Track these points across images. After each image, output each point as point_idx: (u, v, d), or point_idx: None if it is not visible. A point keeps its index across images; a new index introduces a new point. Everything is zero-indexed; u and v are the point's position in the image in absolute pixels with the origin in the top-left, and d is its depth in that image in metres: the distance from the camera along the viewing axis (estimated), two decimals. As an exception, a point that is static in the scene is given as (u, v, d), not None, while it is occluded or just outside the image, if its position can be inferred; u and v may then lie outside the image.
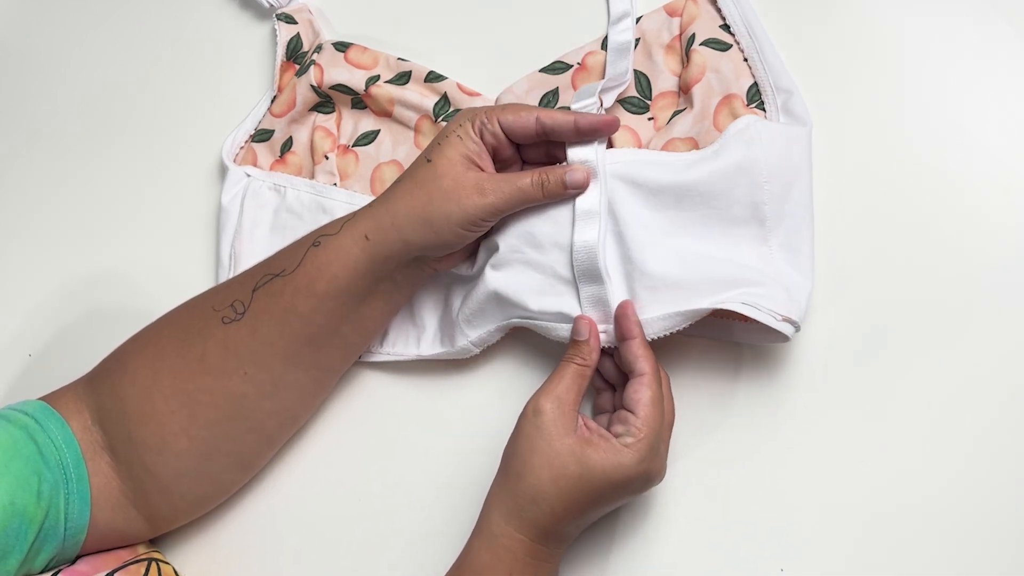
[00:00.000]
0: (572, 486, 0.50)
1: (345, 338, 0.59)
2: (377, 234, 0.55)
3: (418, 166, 0.56)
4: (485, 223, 0.55)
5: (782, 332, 0.52)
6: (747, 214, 0.54)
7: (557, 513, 0.51)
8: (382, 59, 0.67)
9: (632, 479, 0.51)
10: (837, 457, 0.55)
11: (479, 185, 0.54)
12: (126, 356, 0.60)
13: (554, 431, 0.51)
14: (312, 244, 0.57)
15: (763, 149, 0.54)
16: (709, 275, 0.54)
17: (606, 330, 0.56)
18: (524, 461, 0.51)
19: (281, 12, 0.69)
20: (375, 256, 0.55)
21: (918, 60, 0.59)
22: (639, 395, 0.52)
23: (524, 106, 0.56)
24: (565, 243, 0.56)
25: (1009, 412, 0.54)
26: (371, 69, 0.66)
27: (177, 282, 0.68)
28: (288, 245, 0.59)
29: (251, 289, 0.57)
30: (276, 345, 0.57)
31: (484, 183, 0.54)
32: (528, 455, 0.51)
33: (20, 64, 0.77)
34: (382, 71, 0.66)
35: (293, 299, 0.56)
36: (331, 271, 0.56)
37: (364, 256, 0.55)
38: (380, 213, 0.56)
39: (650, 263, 0.55)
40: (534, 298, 0.57)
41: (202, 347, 0.57)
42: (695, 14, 0.61)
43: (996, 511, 0.53)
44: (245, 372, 0.57)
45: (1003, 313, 0.55)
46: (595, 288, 0.55)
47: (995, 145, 0.57)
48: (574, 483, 0.50)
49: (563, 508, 0.51)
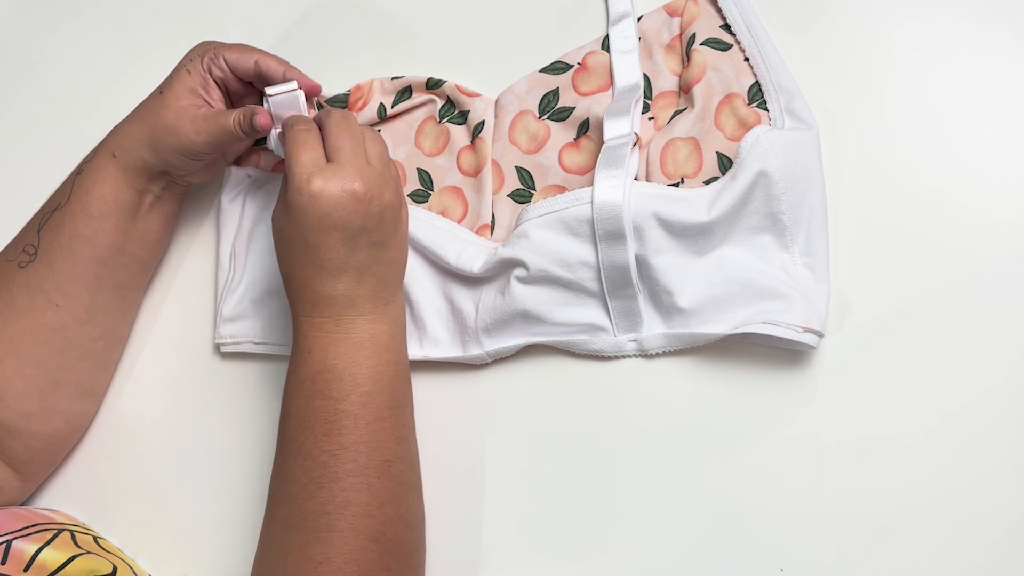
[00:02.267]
0: (282, 243, 0.55)
1: (134, 255, 0.64)
2: (120, 152, 0.61)
3: (152, 95, 0.62)
4: (206, 154, 0.61)
5: (806, 343, 0.54)
6: (766, 224, 0.56)
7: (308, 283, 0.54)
8: (376, 85, 0.66)
9: (302, 209, 0.52)
10: (838, 457, 0.55)
11: (195, 122, 0.59)
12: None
13: (279, 216, 0.56)
14: (76, 173, 0.63)
15: (776, 161, 0.54)
16: (734, 290, 0.56)
17: (636, 338, 0.58)
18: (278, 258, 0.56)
19: None
20: (126, 172, 0.61)
21: (918, 60, 0.59)
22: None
23: (248, 47, 0.61)
24: (592, 260, 0.57)
25: (1012, 413, 0.54)
26: (369, 100, 0.66)
27: (177, 282, 0.69)
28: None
29: (36, 230, 0.62)
30: (74, 273, 0.61)
31: (199, 121, 0.59)
32: (281, 256, 0.56)
33: (20, 64, 0.77)
34: (382, 98, 0.66)
35: (74, 226, 0.61)
36: (97, 191, 0.61)
37: (117, 171, 0.61)
38: (122, 132, 0.62)
39: (676, 284, 0.56)
40: (560, 309, 0.58)
41: (8, 295, 0.61)
42: (695, 14, 0.61)
43: (998, 512, 0.53)
44: (57, 305, 0.61)
45: (1004, 313, 0.55)
46: (626, 302, 0.57)
47: (996, 145, 0.57)
48: (283, 241, 0.55)
49: (300, 280, 0.55)
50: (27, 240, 0.62)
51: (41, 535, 0.57)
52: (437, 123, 0.65)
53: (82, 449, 0.67)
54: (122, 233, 0.62)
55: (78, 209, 0.61)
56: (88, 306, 0.62)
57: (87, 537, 0.60)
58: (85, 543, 0.59)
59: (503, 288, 0.59)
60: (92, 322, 0.63)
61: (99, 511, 0.65)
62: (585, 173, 0.61)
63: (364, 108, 0.66)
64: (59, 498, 0.66)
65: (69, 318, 0.61)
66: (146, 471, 0.66)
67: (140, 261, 0.65)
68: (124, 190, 0.61)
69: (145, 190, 0.62)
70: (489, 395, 0.61)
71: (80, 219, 0.61)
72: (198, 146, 0.60)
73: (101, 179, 0.61)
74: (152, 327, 0.69)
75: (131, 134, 0.61)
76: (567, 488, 0.59)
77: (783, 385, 0.57)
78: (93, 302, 0.62)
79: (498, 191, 0.63)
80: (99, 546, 0.60)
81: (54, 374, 0.62)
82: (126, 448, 0.67)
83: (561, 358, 0.60)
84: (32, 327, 0.61)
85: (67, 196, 0.62)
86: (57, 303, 0.61)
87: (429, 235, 0.61)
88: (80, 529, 0.61)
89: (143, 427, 0.67)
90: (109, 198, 0.61)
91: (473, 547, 0.59)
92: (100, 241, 0.61)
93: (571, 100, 0.63)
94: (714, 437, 0.57)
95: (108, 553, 0.59)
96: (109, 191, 0.61)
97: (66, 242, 0.61)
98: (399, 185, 0.57)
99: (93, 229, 0.61)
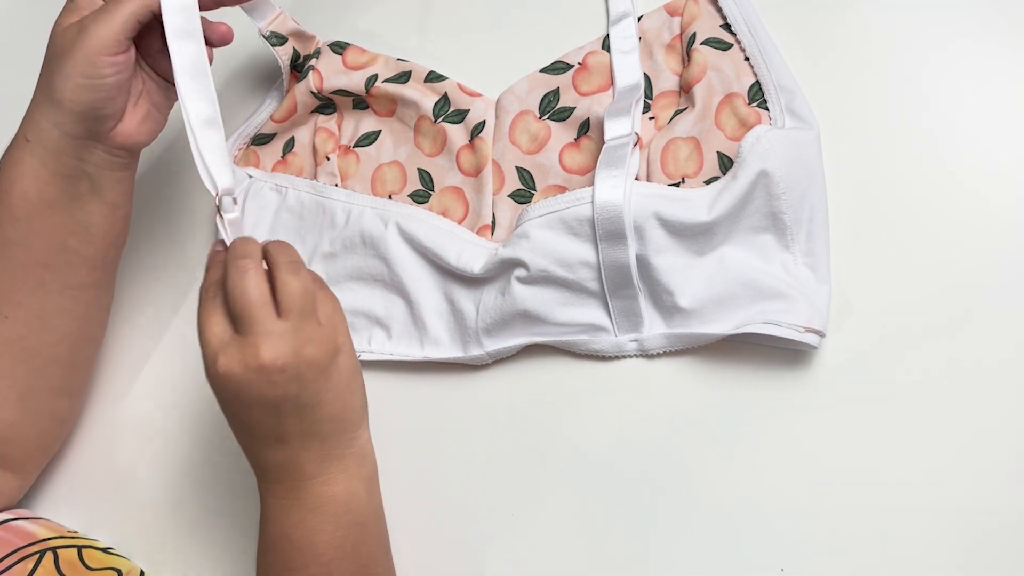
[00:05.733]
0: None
1: (78, 251, 0.58)
2: (33, 132, 0.54)
3: None
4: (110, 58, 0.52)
5: (808, 343, 0.54)
6: (767, 224, 0.56)
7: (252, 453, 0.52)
8: (380, 59, 0.67)
9: (212, 378, 0.50)
10: (838, 457, 0.55)
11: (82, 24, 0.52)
12: None
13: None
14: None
15: (777, 161, 0.54)
16: (735, 290, 0.56)
17: (636, 339, 0.57)
18: None
19: (268, 34, 0.66)
20: (44, 156, 0.54)
21: (919, 59, 0.59)
22: None
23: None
24: (592, 260, 0.56)
25: (1014, 413, 0.54)
26: (368, 67, 0.66)
27: (177, 282, 0.69)
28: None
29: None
30: (16, 281, 0.57)
31: (88, 22, 0.51)
32: None
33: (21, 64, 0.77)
34: (380, 70, 0.66)
35: (2, 231, 0.56)
36: (18, 189, 0.55)
37: (35, 160, 0.55)
38: (31, 112, 0.55)
39: (676, 284, 0.56)
40: (561, 309, 0.58)
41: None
42: (696, 13, 0.61)
43: (999, 512, 0.53)
44: (5, 316, 0.57)
45: (1006, 313, 0.55)
46: (627, 302, 0.57)
47: (998, 143, 0.57)
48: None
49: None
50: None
51: (23, 566, 0.55)
52: (432, 123, 0.65)
53: (81, 450, 0.67)
54: (58, 231, 0.56)
55: (3, 213, 0.56)
56: (39, 313, 0.58)
57: (70, 553, 0.59)
58: (68, 564, 0.57)
59: (504, 288, 0.59)
60: (48, 328, 0.59)
61: (97, 513, 0.65)
62: (586, 173, 0.61)
63: (357, 71, 0.65)
64: (56, 501, 0.67)
65: (23, 327, 0.58)
66: (145, 472, 0.66)
67: (86, 259, 0.59)
68: (47, 181, 0.55)
69: (73, 175, 0.55)
70: (489, 395, 0.61)
71: (7, 223, 0.56)
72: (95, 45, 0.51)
73: (20, 175, 0.55)
74: (152, 327, 0.69)
75: (34, 102, 0.54)
76: (567, 488, 0.59)
77: (784, 385, 0.57)
78: (44, 308, 0.58)
79: (499, 191, 0.63)
80: (83, 564, 0.59)
81: (24, 382, 0.59)
82: (125, 448, 0.67)
83: (561, 358, 0.60)
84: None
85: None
86: (6, 315, 0.57)
87: (430, 236, 0.61)
88: (64, 543, 0.59)
89: (142, 427, 0.67)
90: (32, 194, 0.55)
91: (473, 547, 0.59)
92: (34, 244, 0.56)
93: (572, 100, 0.63)
94: (715, 437, 0.57)
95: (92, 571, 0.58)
96: (30, 186, 0.55)
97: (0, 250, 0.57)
98: (329, 332, 0.51)
99: (23, 232, 0.56)
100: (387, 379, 0.63)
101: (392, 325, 0.63)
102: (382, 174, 0.66)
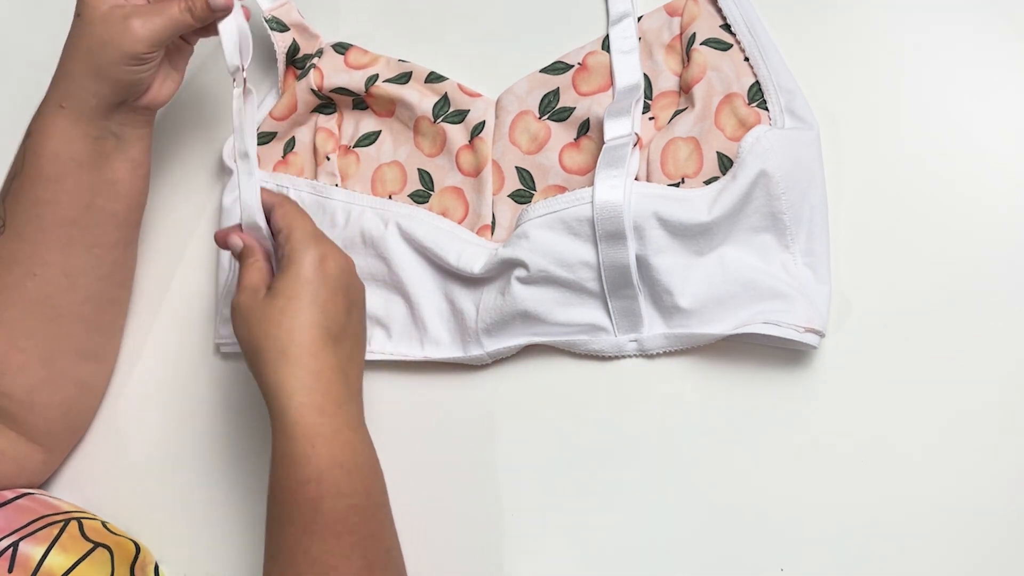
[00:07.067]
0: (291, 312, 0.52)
1: (104, 209, 0.61)
2: (68, 99, 0.57)
3: (73, 25, 0.57)
4: (152, 54, 0.57)
5: (807, 343, 0.54)
6: (767, 224, 0.56)
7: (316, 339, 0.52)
8: (382, 60, 0.67)
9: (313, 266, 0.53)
10: (838, 457, 0.55)
11: (129, 23, 0.56)
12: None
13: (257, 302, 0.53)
14: (26, 136, 0.60)
15: (776, 161, 0.54)
16: (734, 290, 0.56)
17: (636, 339, 0.58)
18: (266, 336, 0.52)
19: (271, 18, 0.67)
20: (76, 119, 0.58)
21: (919, 59, 0.59)
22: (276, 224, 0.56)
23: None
24: (592, 261, 0.56)
25: (1014, 413, 0.54)
26: (369, 67, 0.66)
27: (177, 282, 0.69)
28: None
29: (1, 202, 0.60)
30: (46, 240, 0.59)
31: (133, 20, 0.56)
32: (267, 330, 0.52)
33: (21, 64, 0.77)
34: (381, 70, 0.66)
35: (34, 191, 0.59)
36: (48, 150, 0.58)
37: (67, 123, 0.58)
38: (61, 78, 0.58)
39: (676, 284, 0.56)
40: (560, 309, 0.58)
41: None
42: (695, 13, 0.61)
43: (999, 512, 0.53)
44: (34, 274, 0.59)
45: (1006, 313, 0.55)
46: (626, 302, 0.57)
47: (998, 142, 0.57)
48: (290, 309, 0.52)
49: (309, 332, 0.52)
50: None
51: (48, 531, 0.56)
52: (432, 123, 0.65)
53: (80, 450, 0.67)
54: (87, 189, 0.60)
55: (33, 173, 0.59)
56: (65, 270, 0.60)
57: (95, 523, 0.60)
58: (93, 531, 0.59)
59: (503, 288, 0.59)
60: (74, 287, 0.61)
61: (96, 511, 0.65)
62: (586, 173, 0.61)
63: (359, 71, 0.66)
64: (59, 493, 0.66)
65: (50, 286, 0.60)
66: (145, 471, 0.66)
67: (113, 215, 0.62)
68: (77, 141, 0.58)
69: (102, 135, 0.59)
70: (489, 395, 0.61)
71: (39, 185, 0.59)
72: (142, 45, 0.56)
73: (51, 138, 0.58)
74: (152, 327, 0.69)
75: (72, 74, 0.57)
76: (567, 488, 0.59)
77: (783, 385, 0.57)
78: (71, 266, 0.60)
79: (499, 191, 0.63)
80: (107, 530, 0.60)
81: (51, 343, 0.61)
82: (125, 448, 0.67)
83: (561, 358, 0.60)
84: (15, 300, 0.60)
85: (21, 162, 0.60)
86: (35, 272, 0.59)
87: (430, 236, 0.61)
88: (87, 515, 0.61)
89: (142, 427, 0.67)
90: (63, 155, 0.58)
91: (474, 547, 0.59)
92: (63, 201, 0.59)
93: (571, 100, 0.63)
94: (714, 437, 0.57)
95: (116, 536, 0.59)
96: (62, 147, 0.58)
97: (29, 209, 0.59)
98: None
99: (53, 191, 0.59)
100: (387, 379, 0.63)
101: (392, 325, 0.63)
102: (382, 174, 0.66)
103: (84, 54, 0.57)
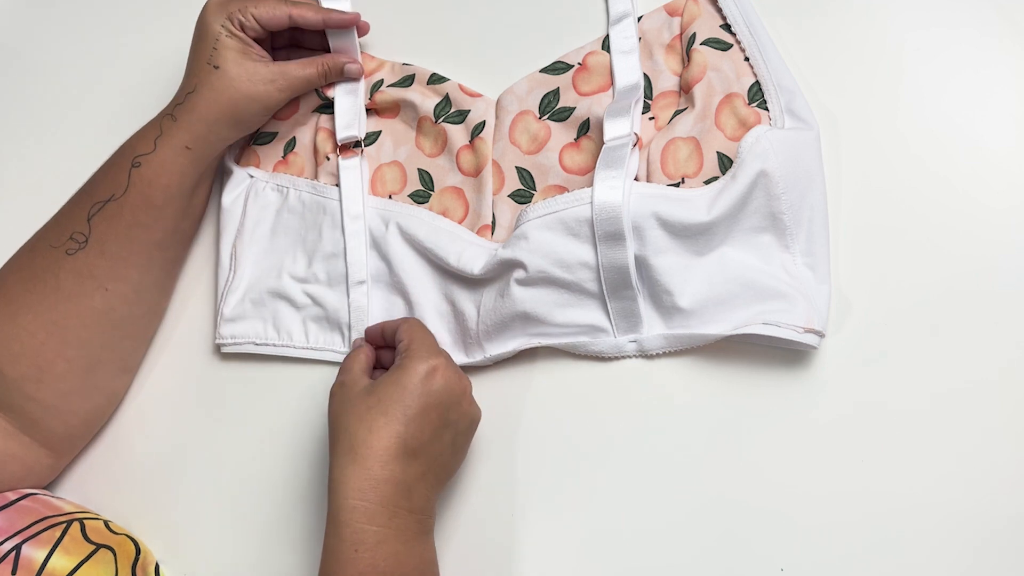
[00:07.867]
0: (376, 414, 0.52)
1: (185, 232, 0.66)
2: (197, 143, 0.61)
3: (209, 74, 0.61)
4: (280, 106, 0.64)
5: (807, 343, 0.54)
6: (767, 224, 0.56)
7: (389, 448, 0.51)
8: (387, 65, 0.67)
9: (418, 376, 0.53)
10: (838, 457, 0.55)
11: (272, 80, 0.62)
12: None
13: (353, 392, 0.54)
14: (132, 166, 0.61)
15: (776, 161, 0.54)
16: (734, 291, 0.56)
17: (636, 339, 0.57)
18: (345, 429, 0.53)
19: None
20: (199, 160, 0.62)
21: (919, 59, 0.59)
22: (397, 328, 0.57)
23: (276, 2, 0.62)
24: (591, 261, 0.56)
25: (1012, 413, 0.54)
26: (375, 73, 0.67)
27: (178, 282, 0.69)
28: (99, 171, 0.63)
29: (86, 219, 0.61)
30: (129, 259, 0.61)
31: (276, 78, 0.62)
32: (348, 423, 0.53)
33: (21, 64, 0.77)
34: (386, 75, 0.66)
35: (134, 215, 0.61)
36: (161, 183, 0.61)
37: (188, 162, 0.62)
38: (193, 124, 0.61)
39: (676, 284, 0.56)
40: (560, 311, 0.58)
41: (54, 280, 0.60)
42: (696, 13, 0.61)
43: (999, 512, 0.53)
44: (106, 289, 0.61)
45: (1005, 312, 0.55)
46: (625, 303, 0.57)
47: (997, 142, 0.57)
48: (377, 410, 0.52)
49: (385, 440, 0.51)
50: (74, 227, 0.61)
51: (50, 533, 0.56)
52: (434, 123, 0.65)
53: (82, 449, 0.67)
54: (180, 215, 0.63)
55: (138, 201, 0.61)
56: (137, 287, 0.62)
57: (97, 523, 0.60)
58: (95, 531, 0.59)
59: (503, 290, 0.59)
60: (139, 301, 0.63)
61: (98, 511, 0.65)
62: (586, 173, 0.61)
63: (364, 78, 0.67)
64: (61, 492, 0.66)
65: (117, 300, 0.61)
66: (145, 471, 0.66)
67: (190, 236, 0.67)
68: (190, 178, 0.62)
69: (209, 168, 0.64)
70: (490, 396, 0.61)
71: (141, 210, 0.61)
72: (281, 100, 0.63)
73: (168, 173, 0.61)
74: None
75: (206, 120, 0.61)
76: (567, 489, 0.59)
77: (783, 385, 0.57)
78: (143, 282, 0.63)
79: (499, 191, 0.63)
80: (109, 530, 0.60)
81: (97, 353, 0.62)
82: (125, 448, 0.67)
83: (562, 359, 0.60)
84: (79, 311, 0.60)
85: (123, 188, 0.61)
86: (107, 287, 0.61)
87: (431, 236, 0.61)
88: (89, 515, 0.61)
89: (142, 427, 0.67)
90: (175, 189, 0.61)
91: (474, 547, 0.59)
92: (159, 227, 0.62)
93: (571, 100, 0.63)
94: (715, 438, 0.57)
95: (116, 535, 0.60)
96: (176, 183, 0.61)
97: (124, 231, 0.61)
98: None
99: (154, 218, 0.61)
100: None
101: None
102: (382, 174, 0.66)
103: (225, 106, 0.61)
